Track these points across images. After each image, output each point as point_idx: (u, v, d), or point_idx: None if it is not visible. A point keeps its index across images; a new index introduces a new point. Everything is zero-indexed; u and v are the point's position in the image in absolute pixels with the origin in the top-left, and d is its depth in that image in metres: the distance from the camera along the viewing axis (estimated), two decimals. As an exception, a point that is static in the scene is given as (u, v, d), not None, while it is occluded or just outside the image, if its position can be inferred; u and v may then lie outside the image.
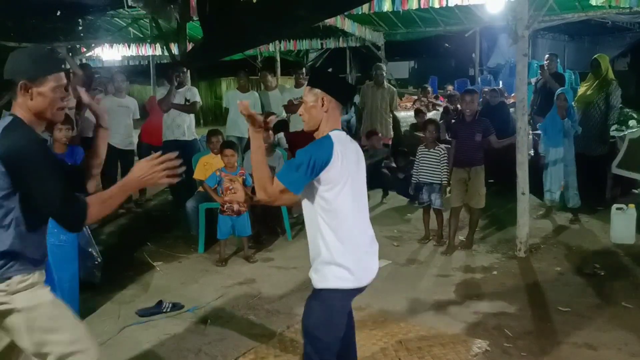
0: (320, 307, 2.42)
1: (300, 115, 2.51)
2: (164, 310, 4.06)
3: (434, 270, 4.85)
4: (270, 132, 6.06)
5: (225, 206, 5.11)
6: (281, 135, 6.82)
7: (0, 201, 2.05)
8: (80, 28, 9.46)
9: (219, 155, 5.55)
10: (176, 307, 4.13)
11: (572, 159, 5.99)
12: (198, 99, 6.91)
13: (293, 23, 7.22)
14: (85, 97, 2.44)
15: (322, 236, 2.38)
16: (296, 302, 4.21)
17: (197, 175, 5.72)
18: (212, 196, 5.29)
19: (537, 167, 6.01)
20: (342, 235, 2.37)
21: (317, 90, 2.43)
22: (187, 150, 6.58)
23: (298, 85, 7.48)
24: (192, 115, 6.90)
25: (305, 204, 2.44)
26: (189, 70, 7.21)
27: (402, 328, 3.74)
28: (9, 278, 2.08)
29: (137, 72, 16.07)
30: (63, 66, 2.31)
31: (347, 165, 2.37)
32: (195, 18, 7.43)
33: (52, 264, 3.70)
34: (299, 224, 6.36)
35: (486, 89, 8.48)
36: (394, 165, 7.34)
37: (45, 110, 2.13)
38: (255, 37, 7.35)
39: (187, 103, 6.71)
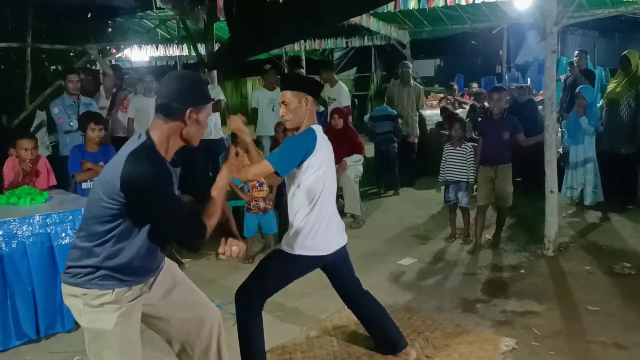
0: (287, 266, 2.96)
1: (282, 116, 2.88)
2: (193, 306, 4.13)
3: (460, 268, 4.83)
4: (295, 131, 6.12)
5: (252, 204, 5.17)
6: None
7: (108, 218, 2.10)
8: (110, 30, 9.67)
9: (245, 155, 5.60)
10: (205, 303, 4.19)
11: (593, 156, 5.94)
12: (222, 97, 7.00)
13: (319, 23, 7.27)
14: None
15: (300, 212, 2.86)
16: (322, 300, 4.24)
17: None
18: (238, 194, 5.36)
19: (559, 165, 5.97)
20: (311, 211, 2.85)
21: (299, 93, 2.81)
22: (213, 149, 6.68)
23: (330, 83, 7.51)
24: (218, 114, 6.99)
25: (289, 185, 2.90)
26: (214, 70, 7.32)
27: (428, 325, 3.75)
28: (88, 289, 2.15)
29: (164, 72, 16.29)
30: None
31: (324, 153, 2.83)
32: (222, 18, 7.53)
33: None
34: (324, 222, 6.41)
35: (513, 86, 8.36)
36: None
37: (195, 137, 2.24)
38: (281, 36, 7.42)
39: (212, 101, 6.78)
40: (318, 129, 2.86)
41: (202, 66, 6.92)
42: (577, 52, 7.97)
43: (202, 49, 8.78)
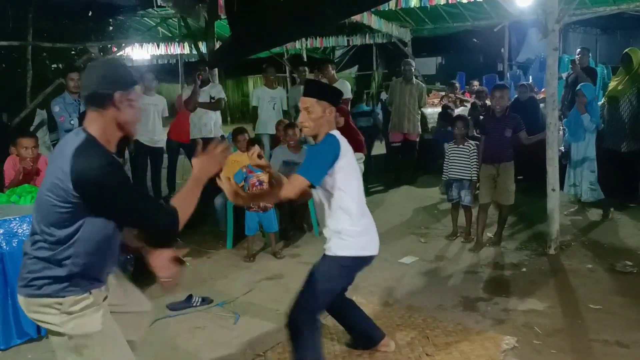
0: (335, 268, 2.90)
1: (301, 122, 2.87)
2: (194, 305, 4.14)
3: (461, 266, 4.82)
4: (297, 129, 6.11)
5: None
6: (308, 131, 6.84)
7: (67, 223, 2.00)
8: (111, 28, 9.67)
9: (245, 153, 5.61)
10: (205, 301, 4.20)
11: (592, 154, 5.93)
12: (223, 95, 6.97)
13: (320, 20, 7.23)
14: None
15: (339, 214, 2.84)
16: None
17: (225, 172, 5.77)
18: (238, 192, 5.34)
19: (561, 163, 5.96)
20: (355, 211, 2.85)
21: (322, 101, 2.80)
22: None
23: (330, 81, 7.48)
24: (219, 113, 6.97)
25: (320, 193, 2.86)
26: (215, 68, 7.31)
27: (429, 324, 3.74)
28: (63, 297, 2.05)
29: (165, 70, 16.32)
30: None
31: (349, 157, 2.82)
32: (223, 16, 7.53)
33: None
34: (326, 220, 6.40)
35: (524, 85, 8.33)
36: None
37: (132, 123, 2.16)
38: (283, 34, 7.39)
39: (212, 100, 6.78)
40: (338, 134, 2.86)
41: (202, 64, 6.89)
42: (579, 49, 7.95)
43: (203, 47, 8.77)
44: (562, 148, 6.37)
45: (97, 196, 1.97)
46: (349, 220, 2.83)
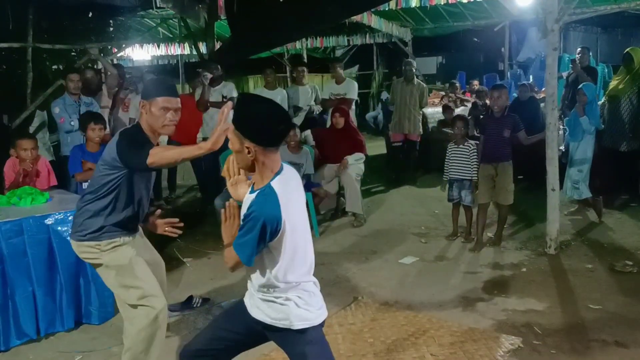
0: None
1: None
2: (195, 306, 4.14)
3: (462, 267, 4.82)
4: (297, 129, 6.12)
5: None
6: (308, 132, 6.86)
7: (109, 183, 2.76)
8: (111, 29, 9.65)
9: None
10: (206, 302, 4.20)
11: (588, 154, 5.83)
12: (235, 94, 6.97)
13: (320, 20, 7.26)
14: None
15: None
16: (324, 297, 4.21)
17: (225, 173, 5.78)
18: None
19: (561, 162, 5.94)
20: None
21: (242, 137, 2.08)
22: (225, 147, 6.63)
23: (338, 80, 7.50)
24: (231, 112, 6.94)
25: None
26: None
27: (433, 324, 3.74)
28: (100, 241, 2.84)
29: (166, 71, 16.31)
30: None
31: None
32: (223, 17, 7.53)
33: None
34: (325, 220, 6.41)
35: (526, 84, 8.32)
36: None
37: (154, 125, 2.76)
38: (283, 34, 7.42)
39: (224, 99, 6.79)
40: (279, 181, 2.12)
41: (210, 64, 6.88)
42: (579, 49, 7.94)
43: (203, 47, 8.77)
44: (563, 147, 6.37)
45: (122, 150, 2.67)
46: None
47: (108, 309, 3.96)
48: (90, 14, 8.67)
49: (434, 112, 9.02)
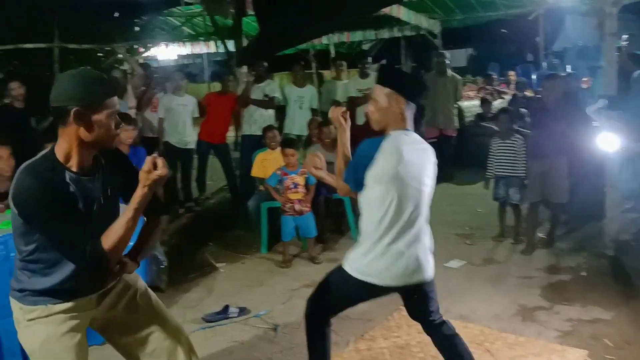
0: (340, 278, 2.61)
1: (368, 112, 2.51)
2: (231, 316, 3.91)
3: (514, 271, 4.49)
4: (332, 127, 5.85)
5: (287, 206, 4.93)
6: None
7: (26, 237, 1.96)
8: (137, 29, 9.54)
9: (276, 151, 5.39)
10: (243, 311, 3.97)
11: None
12: (277, 94, 6.80)
13: (348, 14, 7.01)
14: None
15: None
16: (367, 306, 3.94)
17: (255, 172, 5.57)
18: (273, 195, 5.13)
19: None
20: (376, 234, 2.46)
21: (388, 90, 2.43)
22: (256, 146, 6.41)
23: (363, 75, 7.20)
24: (271, 111, 6.79)
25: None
26: (243, 66, 7.10)
27: (487, 335, 3.44)
28: (23, 304, 2.04)
29: (191, 70, 16.23)
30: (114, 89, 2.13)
31: (391, 166, 2.38)
32: (250, 12, 7.31)
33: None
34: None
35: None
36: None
37: (104, 141, 1.98)
38: (311, 29, 7.18)
39: (266, 98, 6.62)
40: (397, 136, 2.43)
41: (260, 60, 6.71)
42: (625, 35, 7.49)
43: (230, 45, 8.56)
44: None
45: (23, 216, 1.90)
46: (366, 240, 2.49)
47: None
48: (116, 14, 8.56)
49: (470, 105, 8.66)
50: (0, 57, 8.52)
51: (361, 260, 2.48)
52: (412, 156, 2.41)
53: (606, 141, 4.38)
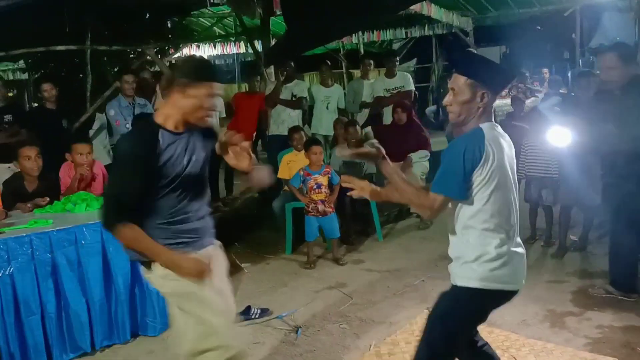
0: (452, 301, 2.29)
1: (447, 104, 2.27)
2: (253, 317, 3.89)
3: (544, 275, 4.35)
4: (358, 127, 5.80)
5: (310, 206, 4.89)
6: (369, 129, 6.52)
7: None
8: (168, 29, 9.64)
9: (302, 153, 5.36)
10: (265, 313, 3.95)
11: None
12: (305, 94, 6.80)
13: (378, 12, 6.91)
14: None
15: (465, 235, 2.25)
16: (391, 310, 3.91)
17: (281, 174, 5.54)
18: (297, 196, 5.10)
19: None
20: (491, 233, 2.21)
21: (470, 80, 2.18)
22: (282, 147, 6.41)
23: (390, 74, 7.09)
24: (299, 112, 6.79)
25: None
26: (271, 66, 7.10)
27: (514, 342, 3.34)
28: None
29: (223, 70, 16.33)
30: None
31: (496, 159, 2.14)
32: (278, 12, 7.29)
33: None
34: (389, 222, 6.06)
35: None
36: None
37: (187, 112, 2.24)
38: (340, 28, 7.10)
39: (294, 98, 6.62)
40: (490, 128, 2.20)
41: (289, 60, 6.74)
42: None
43: (258, 45, 8.57)
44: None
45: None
46: (478, 243, 2.18)
47: (165, 320, 3.76)
48: (147, 16, 8.66)
49: (501, 104, 8.47)
50: (35, 59, 8.76)
51: (486, 267, 2.16)
52: (511, 152, 2.24)
53: (557, 136, 4.12)
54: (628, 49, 3.69)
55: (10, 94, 10.34)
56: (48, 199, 3.94)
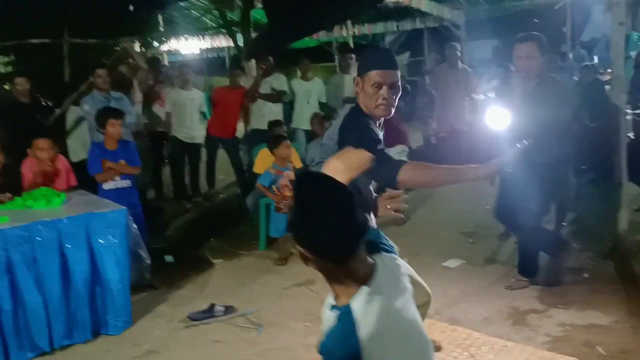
0: None
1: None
2: (217, 315, 3.85)
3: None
4: (333, 121, 5.74)
5: (282, 203, 4.85)
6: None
7: None
8: (155, 22, 9.55)
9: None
10: (229, 310, 3.91)
11: None
12: (285, 88, 6.76)
13: (357, 3, 6.85)
14: None
15: None
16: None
17: (257, 168, 5.49)
18: (266, 194, 5.06)
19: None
20: None
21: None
22: (259, 141, 6.36)
23: (345, 70, 7.05)
24: (279, 106, 6.76)
25: None
26: (252, 59, 7.04)
27: (475, 340, 3.31)
28: None
29: (215, 64, 16.23)
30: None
31: None
32: (259, 5, 7.22)
33: (101, 266, 3.61)
34: (366, 218, 6.01)
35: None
36: None
37: (367, 105, 2.32)
38: (319, 20, 7.03)
39: (273, 92, 6.58)
40: None
41: (268, 54, 6.70)
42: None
43: (240, 38, 8.50)
44: (632, 135, 5.70)
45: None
46: None
47: (126, 319, 3.73)
48: (131, 8, 8.57)
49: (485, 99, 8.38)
50: (15, 53, 8.66)
51: None
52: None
53: (494, 118, 4.01)
54: (544, 40, 3.71)
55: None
56: (10, 194, 3.89)
